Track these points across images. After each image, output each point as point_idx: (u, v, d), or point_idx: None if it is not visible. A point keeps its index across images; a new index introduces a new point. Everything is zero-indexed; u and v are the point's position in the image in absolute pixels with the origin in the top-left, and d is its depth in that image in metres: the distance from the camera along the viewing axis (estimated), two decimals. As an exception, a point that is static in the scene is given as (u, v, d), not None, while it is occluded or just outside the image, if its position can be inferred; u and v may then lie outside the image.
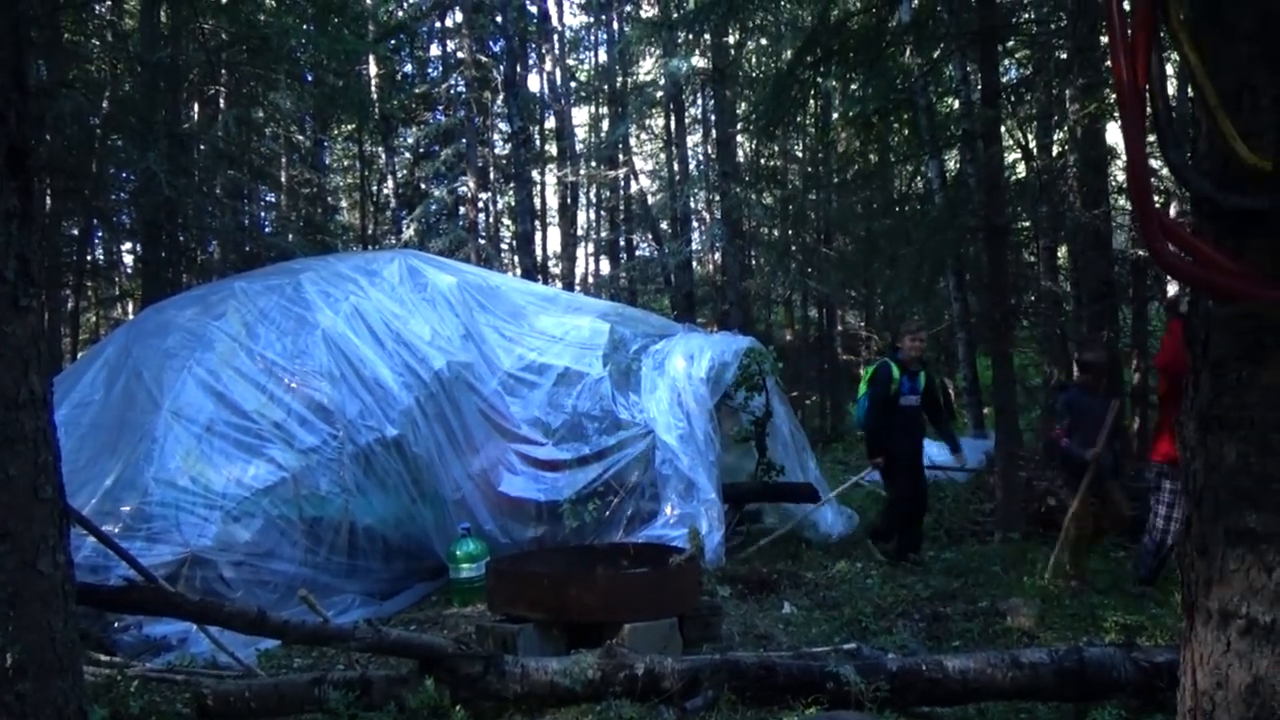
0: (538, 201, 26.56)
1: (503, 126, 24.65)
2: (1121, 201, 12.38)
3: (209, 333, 7.49)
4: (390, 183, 23.42)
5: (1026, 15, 11.47)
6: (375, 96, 20.54)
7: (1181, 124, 2.21)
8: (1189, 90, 2.21)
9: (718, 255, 23.43)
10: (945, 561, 7.75)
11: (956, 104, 13.71)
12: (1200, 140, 2.09)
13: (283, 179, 20.02)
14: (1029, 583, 6.67)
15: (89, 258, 16.65)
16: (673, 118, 23.07)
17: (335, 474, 6.87)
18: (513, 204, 23.23)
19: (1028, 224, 12.93)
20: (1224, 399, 2.09)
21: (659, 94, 21.37)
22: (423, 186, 23.34)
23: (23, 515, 2.31)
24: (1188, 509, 2.14)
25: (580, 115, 29.03)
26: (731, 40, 18.76)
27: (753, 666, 4.23)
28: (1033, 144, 13.57)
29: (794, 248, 19.82)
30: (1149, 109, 1.96)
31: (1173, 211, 9.32)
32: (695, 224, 22.96)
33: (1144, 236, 1.94)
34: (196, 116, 15.56)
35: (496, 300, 8.85)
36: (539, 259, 24.83)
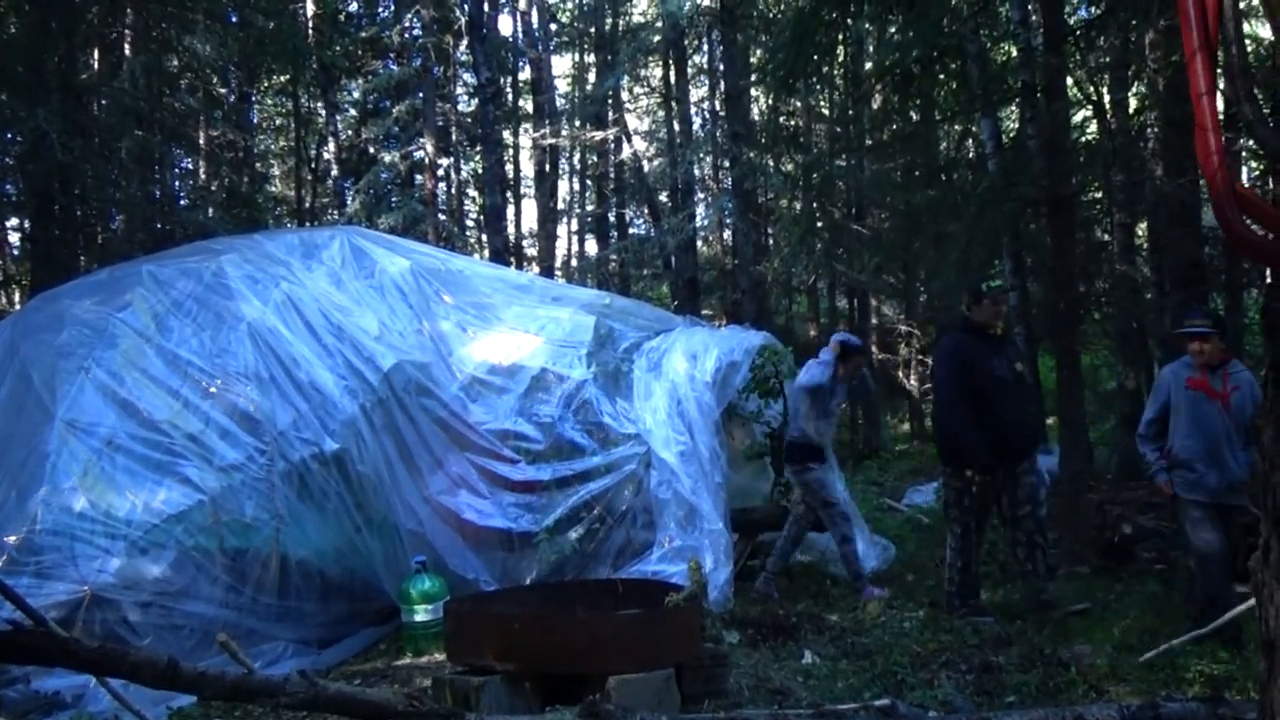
0: (510, 169, 26.62)
1: (467, 78, 24.72)
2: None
3: (111, 326, 7.51)
4: (331, 146, 23.46)
5: (1097, -58, 11.54)
6: (313, 41, 20.57)
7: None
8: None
9: (727, 234, 23.52)
10: (998, 602, 7.80)
11: (1014, 51, 13.75)
12: (1281, 93, 2.13)
13: (201, 141, 20.01)
14: (1099, 626, 6.72)
15: (-34, 237, 16.68)
16: (672, 68, 23.14)
17: (263, 497, 6.90)
18: (479, 171, 23.30)
19: (1099, 195, 12.98)
20: (1311, 400, 2.12)
21: (656, 39, 21.40)
22: (370, 150, 23.37)
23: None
24: (1265, 530, 2.18)
25: (561, 64, 29.11)
26: (743, -27, 18.81)
27: (763, 725, 4.27)
28: (1105, 99, 13.63)
29: (819, 224, 19.87)
30: (1221, 55, 2.00)
31: None
32: (700, 196, 23.01)
33: (1213, 205, 1.98)
34: (96, 66, 15.56)
35: (459, 288, 8.89)
36: (511, 238, 24.88)
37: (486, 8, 20.67)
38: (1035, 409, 7.36)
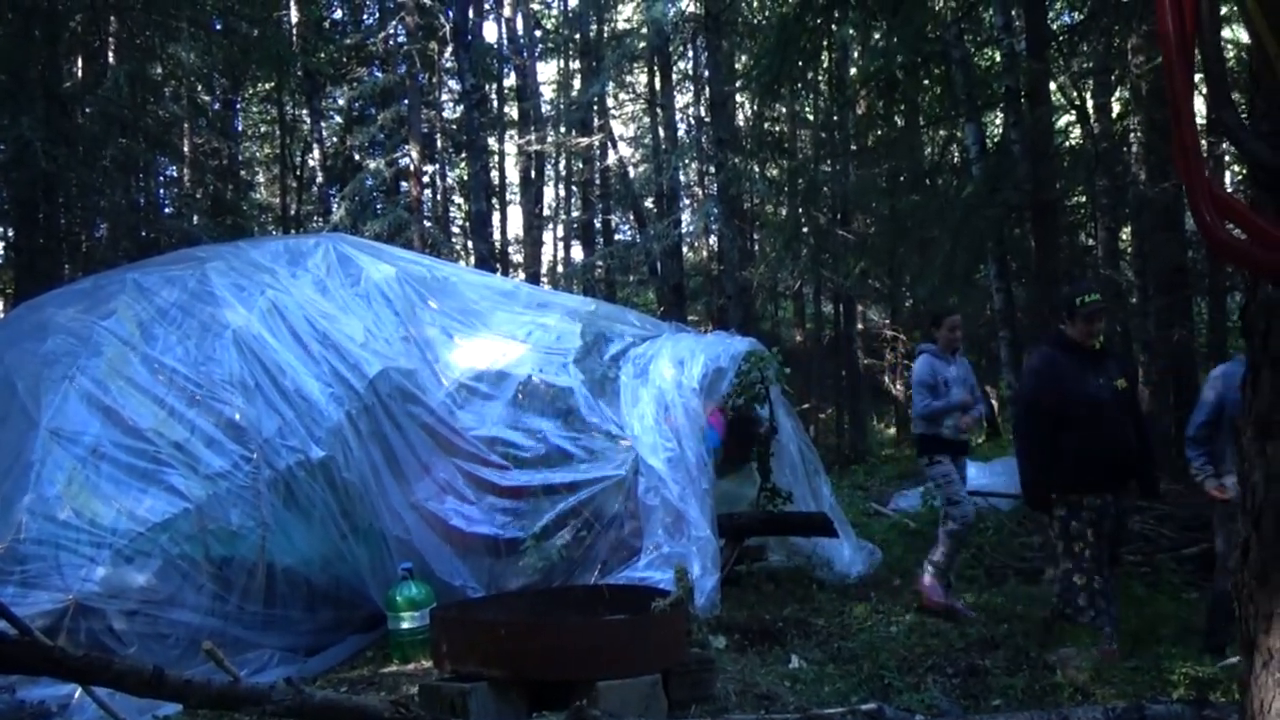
0: (495, 175, 26.60)
1: (452, 85, 24.71)
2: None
3: (96, 335, 7.48)
4: (316, 153, 23.43)
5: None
6: (297, 48, 20.55)
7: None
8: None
9: (713, 239, 23.55)
10: (984, 605, 7.81)
11: (998, 56, 13.81)
12: (1258, 98, 2.14)
13: (185, 149, 19.98)
14: (1085, 629, 6.74)
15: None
16: (658, 74, 23.17)
17: (249, 505, 6.87)
18: (465, 178, 23.30)
19: (1083, 200, 13.03)
20: (1290, 401, 2.12)
21: (641, 45, 21.44)
22: (356, 158, 23.38)
23: None
24: (1245, 530, 2.19)
25: (547, 71, 29.10)
26: (728, -21, 18.86)
27: (751, 730, 4.28)
28: (1089, 104, 13.70)
29: (804, 230, 19.92)
30: (1198, 60, 2.01)
31: None
32: (686, 201, 23.04)
33: (1191, 210, 1.99)
34: (80, 73, 15.53)
35: (445, 295, 8.88)
36: (497, 244, 24.88)
37: (471, 14, 20.70)
38: (1132, 431, 6.73)
